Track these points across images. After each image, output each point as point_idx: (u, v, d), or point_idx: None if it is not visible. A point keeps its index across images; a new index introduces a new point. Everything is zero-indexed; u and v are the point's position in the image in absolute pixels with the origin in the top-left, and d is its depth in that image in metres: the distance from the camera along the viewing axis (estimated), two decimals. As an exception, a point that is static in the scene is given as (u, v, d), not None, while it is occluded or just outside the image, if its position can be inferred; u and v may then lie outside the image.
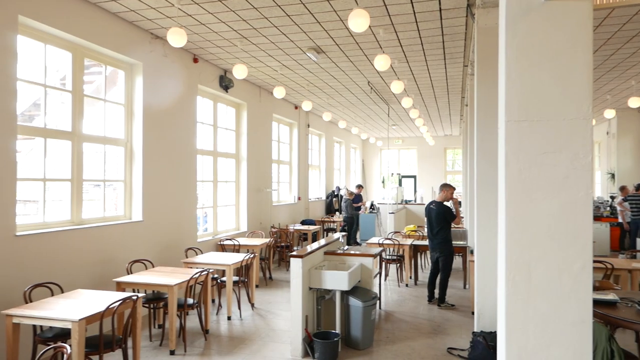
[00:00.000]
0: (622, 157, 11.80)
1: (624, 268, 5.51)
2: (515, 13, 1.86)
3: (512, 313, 1.86)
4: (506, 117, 1.88)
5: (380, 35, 5.80)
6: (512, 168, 1.87)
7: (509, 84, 1.88)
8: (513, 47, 1.86)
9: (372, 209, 12.40)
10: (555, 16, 1.80)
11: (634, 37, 5.91)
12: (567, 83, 1.80)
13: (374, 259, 5.31)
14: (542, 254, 1.83)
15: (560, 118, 1.81)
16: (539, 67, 1.83)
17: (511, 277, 1.87)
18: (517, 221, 1.86)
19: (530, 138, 1.85)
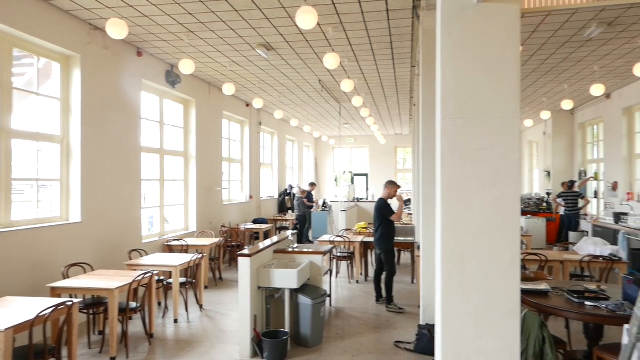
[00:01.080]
0: (557, 156, 12.58)
1: (556, 260, 5.87)
2: (450, 14, 1.91)
3: (448, 305, 1.91)
4: (442, 115, 1.93)
5: (329, 33, 5.82)
6: (447, 164, 1.93)
7: (445, 82, 1.93)
8: (448, 46, 1.92)
9: (325, 207, 12.48)
10: (487, 18, 1.87)
11: (566, 44, 6.30)
12: (497, 83, 1.88)
13: (324, 256, 5.33)
14: (475, 247, 1.90)
15: (491, 116, 1.88)
16: (472, 66, 1.89)
17: (446, 270, 1.92)
18: (452, 216, 1.92)
19: (465, 135, 1.91)
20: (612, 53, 6.74)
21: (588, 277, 5.94)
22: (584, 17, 5.34)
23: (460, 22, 1.89)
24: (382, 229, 6.26)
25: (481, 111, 1.89)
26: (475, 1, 1.86)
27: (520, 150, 1.88)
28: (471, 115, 1.89)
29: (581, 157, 12.09)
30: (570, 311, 3.62)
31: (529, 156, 16.07)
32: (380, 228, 6.27)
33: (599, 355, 3.54)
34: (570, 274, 6.02)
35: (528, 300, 3.92)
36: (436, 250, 2.05)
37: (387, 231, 6.27)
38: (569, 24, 5.54)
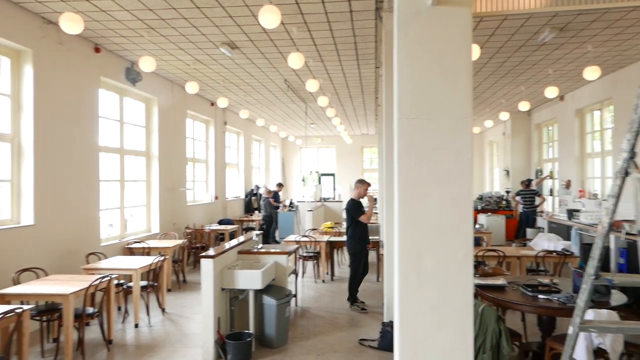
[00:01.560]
0: (516, 156, 13.06)
1: (513, 255, 6.10)
2: (406, 15, 1.94)
3: (404, 302, 1.95)
4: (399, 115, 1.97)
5: (294, 33, 5.81)
6: (404, 163, 1.96)
7: (401, 83, 1.97)
8: (404, 47, 1.95)
9: (291, 207, 12.45)
10: (441, 20, 1.92)
11: (521, 47, 6.55)
12: (451, 84, 1.93)
13: (288, 256, 5.32)
14: (430, 244, 1.94)
15: (446, 116, 1.93)
16: (428, 67, 1.94)
17: (403, 267, 1.96)
18: (408, 214, 1.96)
19: (420, 135, 1.95)
20: (564, 57, 7.06)
21: (543, 271, 6.19)
22: (538, 22, 5.57)
23: (416, 23, 1.93)
24: (351, 230, 6.14)
25: (436, 111, 1.94)
26: (429, 3, 1.90)
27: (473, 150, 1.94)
28: (426, 115, 1.94)
29: (537, 156, 12.61)
30: (525, 304, 3.77)
31: (490, 156, 16.61)
32: (350, 229, 6.15)
33: (551, 345, 3.70)
34: (527, 268, 6.26)
35: (486, 295, 4.05)
36: (394, 248, 2.08)
37: (356, 232, 6.10)
38: (524, 28, 5.76)
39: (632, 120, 1.50)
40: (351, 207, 6.18)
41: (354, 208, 6.16)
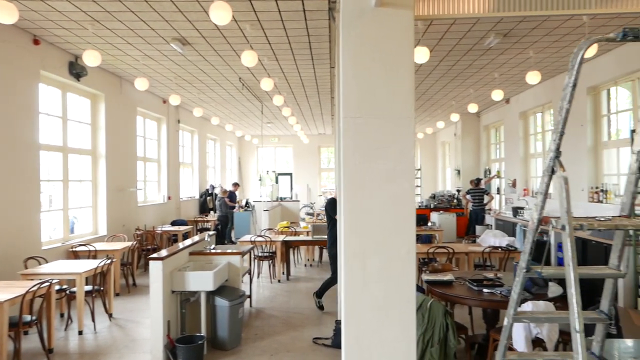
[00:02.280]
0: (466, 156, 13.57)
1: (462, 252, 6.33)
2: (350, 16, 1.97)
3: (350, 299, 1.97)
4: (343, 114, 1.99)
5: (247, 30, 5.74)
6: (349, 162, 1.98)
7: (346, 82, 1.98)
8: (349, 48, 1.97)
9: (247, 207, 12.32)
10: (384, 22, 1.95)
11: (469, 51, 6.81)
12: (394, 84, 1.97)
13: (242, 257, 5.25)
14: (375, 242, 1.97)
15: (389, 116, 1.97)
16: (371, 68, 1.97)
17: (349, 265, 1.98)
18: (353, 212, 1.98)
19: (365, 134, 1.98)
20: (508, 62, 7.41)
21: (489, 266, 6.47)
22: (484, 28, 5.81)
23: (360, 24, 1.95)
24: (330, 231, 5.85)
25: (379, 111, 1.97)
26: (372, 5, 1.93)
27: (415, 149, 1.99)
28: (370, 114, 1.97)
29: (486, 156, 13.16)
30: (470, 298, 3.92)
31: (442, 156, 17.16)
32: (329, 229, 5.86)
33: (494, 337, 3.87)
34: (475, 264, 6.52)
35: (435, 290, 4.18)
36: (341, 245, 2.10)
37: (335, 233, 5.73)
38: (471, 33, 5.99)
39: (557, 122, 1.59)
40: (329, 205, 5.89)
41: (331, 206, 5.84)
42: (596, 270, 1.72)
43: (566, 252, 1.44)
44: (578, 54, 1.50)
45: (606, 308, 1.81)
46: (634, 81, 6.69)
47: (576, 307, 1.40)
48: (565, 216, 1.43)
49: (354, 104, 1.97)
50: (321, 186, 18.81)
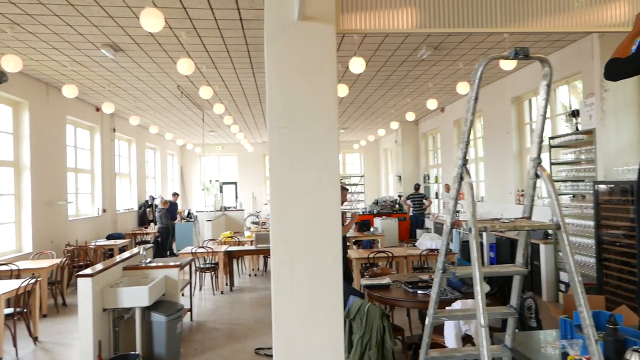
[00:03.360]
0: (406, 162, 14.08)
1: (401, 255, 6.55)
2: (274, 29, 2.01)
3: (279, 306, 1.99)
4: (270, 124, 2.02)
5: (183, 38, 5.64)
6: (275, 171, 2.01)
7: (271, 93, 2.02)
8: (273, 60, 2.01)
9: (189, 218, 11.98)
10: (307, 35, 2.01)
11: (404, 62, 7.11)
12: (317, 95, 2.02)
13: (180, 269, 5.10)
14: (302, 249, 2.01)
15: (313, 126, 2.02)
16: (295, 79, 2.02)
17: (277, 272, 2.00)
18: (281, 220, 2.01)
19: (290, 144, 2.01)
20: (440, 73, 7.81)
21: (427, 268, 6.73)
22: (416, 40, 6.10)
23: (283, 37, 2.00)
24: None
25: (304, 121, 2.02)
26: (295, 19, 1.98)
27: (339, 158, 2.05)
28: (295, 124, 2.01)
29: (425, 162, 13.72)
30: (406, 300, 4.07)
31: (385, 162, 17.67)
32: None
33: (429, 336, 4.03)
34: (413, 267, 6.77)
35: (373, 294, 4.29)
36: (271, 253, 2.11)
37: None
38: (404, 45, 6.26)
39: (463, 132, 1.72)
40: None
41: None
42: (502, 269, 1.87)
43: (472, 252, 1.55)
44: (478, 70, 1.64)
45: (515, 303, 1.96)
46: (551, 92, 7.29)
47: (481, 303, 1.51)
48: (470, 219, 1.54)
49: (278, 115, 2.01)
50: (266, 195, 18.70)
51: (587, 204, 5.71)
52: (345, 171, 18.69)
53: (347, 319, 4.05)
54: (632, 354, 1.60)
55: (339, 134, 2.03)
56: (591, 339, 1.46)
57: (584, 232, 5.78)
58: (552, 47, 6.54)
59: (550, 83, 1.70)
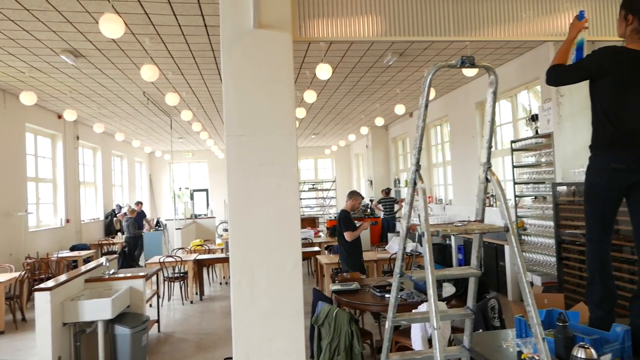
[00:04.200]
0: (377, 166, 14.23)
1: (372, 259, 6.60)
2: (230, 37, 2.00)
3: (239, 314, 1.97)
4: (227, 132, 2.01)
5: (146, 44, 5.54)
6: (233, 179, 2.00)
7: (228, 101, 2.01)
8: (229, 68, 2.01)
9: (158, 227, 11.73)
10: (263, 43, 2.02)
11: (371, 69, 7.21)
12: (275, 103, 2.03)
13: (146, 279, 4.99)
14: (262, 256, 2.00)
15: (271, 133, 2.02)
16: (252, 87, 2.02)
17: (237, 281, 1.98)
18: (240, 228, 1.99)
19: (248, 151, 2.01)
20: (407, 79, 7.96)
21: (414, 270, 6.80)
22: (381, 47, 6.20)
23: (239, 45, 2.00)
24: (341, 244, 5.51)
25: (262, 129, 2.02)
26: (251, 27, 1.98)
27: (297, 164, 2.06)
28: (253, 132, 2.01)
29: (395, 166, 13.91)
30: (374, 304, 4.10)
31: (356, 167, 17.81)
32: (340, 242, 5.52)
33: (396, 339, 4.07)
34: (383, 271, 6.83)
35: (341, 299, 4.30)
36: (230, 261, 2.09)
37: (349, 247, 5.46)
38: (370, 51, 6.35)
39: (415, 138, 1.76)
40: (343, 217, 5.52)
41: (343, 220, 5.48)
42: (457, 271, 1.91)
43: (425, 256, 1.58)
44: (427, 78, 1.68)
45: (471, 304, 2.01)
46: (512, 97, 7.55)
47: (434, 306, 1.54)
48: (423, 224, 1.58)
49: (236, 122, 2.00)
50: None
51: (547, 205, 5.92)
52: (318, 176, 18.73)
53: (316, 324, 4.04)
54: (579, 350, 1.66)
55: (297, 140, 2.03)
56: (539, 337, 1.51)
57: (545, 232, 5.98)
58: (512, 54, 6.78)
59: (496, 90, 1.76)
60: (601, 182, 2.03)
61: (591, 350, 1.65)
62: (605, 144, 1.99)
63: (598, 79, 1.96)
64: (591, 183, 2.08)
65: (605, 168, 2.00)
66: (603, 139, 2.00)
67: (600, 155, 2.01)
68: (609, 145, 1.98)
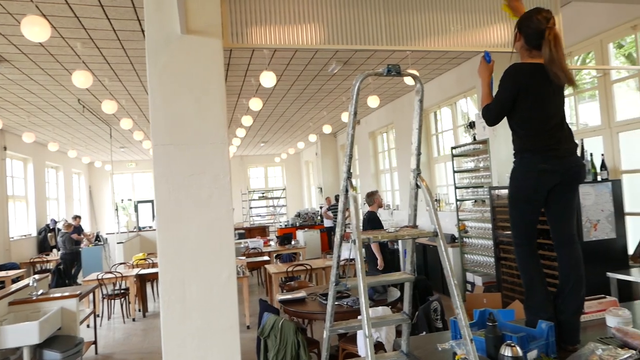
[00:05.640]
0: (326, 174, 14.33)
1: (320, 267, 6.59)
2: (156, 43, 1.92)
3: (169, 331, 1.88)
4: (154, 141, 1.92)
5: (78, 49, 5.25)
6: (162, 190, 1.91)
7: (155, 109, 1.92)
8: (156, 75, 1.92)
9: (98, 241, 11.10)
10: (192, 49, 1.95)
11: (316, 77, 7.26)
12: (205, 111, 1.97)
13: (80, 299, 4.68)
14: (194, 270, 1.92)
15: (201, 142, 1.95)
16: (180, 94, 1.94)
17: (167, 296, 1.89)
18: (169, 242, 1.90)
19: (178, 161, 1.93)
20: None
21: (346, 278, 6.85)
22: (325, 56, 6.26)
23: (166, 52, 1.92)
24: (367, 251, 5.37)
25: (191, 138, 1.95)
26: (179, 32, 1.92)
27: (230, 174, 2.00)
28: (182, 141, 1.93)
29: (344, 174, 14.06)
30: (321, 313, 4.07)
31: (306, 174, 17.84)
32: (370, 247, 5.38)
33: (343, 346, 4.07)
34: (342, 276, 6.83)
35: (288, 309, 4.25)
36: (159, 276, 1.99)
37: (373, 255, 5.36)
38: (315, 60, 6.39)
39: (346, 146, 1.77)
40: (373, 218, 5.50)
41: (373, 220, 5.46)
42: (390, 277, 1.94)
43: (356, 264, 1.58)
44: (355, 86, 1.69)
45: (407, 309, 2.03)
46: (452, 105, 7.87)
47: (365, 314, 1.54)
48: (354, 231, 1.58)
49: (163, 131, 1.92)
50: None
51: (485, 208, 6.20)
52: (268, 184, 18.58)
53: (262, 336, 3.96)
54: (506, 349, 1.72)
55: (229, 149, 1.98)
56: (467, 338, 1.55)
57: (484, 234, 6.25)
58: (450, 64, 7.08)
59: (422, 99, 1.81)
60: (529, 185, 2.12)
61: (517, 348, 1.71)
62: (529, 148, 2.10)
63: None
64: (518, 187, 2.17)
65: (533, 170, 2.09)
66: (527, 145, 2.10)
67: (527, 158, 2.11)
68: (533, 150, 2.09)
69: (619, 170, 4.68)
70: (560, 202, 2.09)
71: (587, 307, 2.51)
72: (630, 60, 4.82)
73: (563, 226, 2.12)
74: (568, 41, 2.61)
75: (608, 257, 4.34)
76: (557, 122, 2.08)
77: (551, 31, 1.99)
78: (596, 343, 1.93)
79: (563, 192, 2.07)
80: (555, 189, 2.08)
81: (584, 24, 4.79)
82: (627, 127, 4.61)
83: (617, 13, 4.44)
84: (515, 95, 2.07)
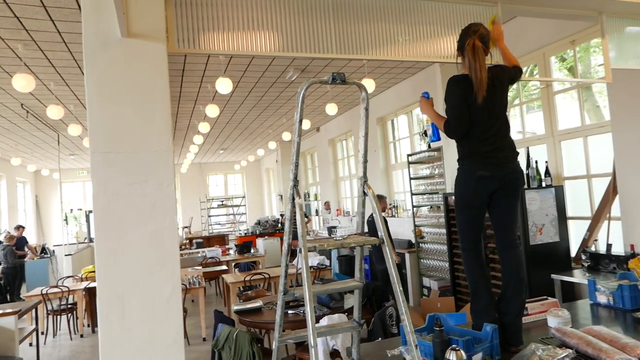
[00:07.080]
0: (287, 181, 14.24)
1: (277, 275, 6.52)
2: (94, 46, 1.84)
3: (107, 350, 1.78)
4: (92, 149, 1.83)
5: (19, 51, 4.98)
6: (100, 200, 1.82)
7: (92, 116, 1.84)
8: (93, 80, 1.84)
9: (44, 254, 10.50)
10: (133, 53, 1.88)
11: (274, 84, 7.23)
12: (148, 118, 1.90)
13: (19, 316, 4.39)
14: (134, 284, 1.84)
15: (144, 150, 1.88)
16: (120, 100, 1.87)
17: (105, 313, 1.80)
18: (108, 255, 1.81)
19: (117, 169, 1.85)
20: (311, 95, 8.12)
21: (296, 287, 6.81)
22: (283, 63, 6.25)
23: (106, 55, 1.85)
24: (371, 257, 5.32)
25: (133, 145, 1.87)
26: (119, 35, 1.84)
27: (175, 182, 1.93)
28: (123, 149, 1.85)
29: (304, 180, 14.07)
30: (277, 322, 4.01)
31: (267, 182, 17.70)
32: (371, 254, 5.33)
33: (300, 356, 4.03)
34: (290, 285, 6.78)
35: (243, 319, 4.16)
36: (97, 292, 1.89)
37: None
38: (272, 67, 6.37)
39: (292, 153, 1.75)
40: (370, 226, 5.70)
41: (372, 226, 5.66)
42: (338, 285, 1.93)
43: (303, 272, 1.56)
44: (300, 94, 1.69)
45: (357, 317, 2.03)
46: (408, 113, 8.06)
47: (310, 324, 1.52)
48: (300, 240, 1.56)
49: (102, 138, 1.84)
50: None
51: (440, 214, 6.36)
52: (227, 192, 18.28)
53: (216, 349, 3.86)
54: (451, 353, 1.75)
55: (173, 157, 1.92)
56: (411, 344, 1.56)
57: (439, 239, 6.40)
58: (406, 73, 7.25)
59: (367, 107, 1.83)
60: (470, 191, 2.19)
61: (461, 352, 1.74)
62: (470, 154, 2.17)
63: None
64: (461, 193, 2.23)
65: (473, 177, 2.17)
66: (467, 151, 2.18)
67: (467, 165, 2.18)
68: (473, 156, 2.16)
69: (562, 177, 4.94)
70: (501, 207, 2.17)
71: (530, 308, 2.61)
72: (572, 72, 5.11)
73: (504, 231, 2.19)
74: (515, 54, 2.73)
75: (553, 259, 4.55)
76: (497, 130, 2.16)
77: (471, 41, 2.10)
78: (537, 344, 2.00)
79: (503, 197, 2.15)
80: (495, 194, 2.16)
81: (529, 38, 5.04)
82: (569, 135, 4.88)
83: (559, 28, 4.71)
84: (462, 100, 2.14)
